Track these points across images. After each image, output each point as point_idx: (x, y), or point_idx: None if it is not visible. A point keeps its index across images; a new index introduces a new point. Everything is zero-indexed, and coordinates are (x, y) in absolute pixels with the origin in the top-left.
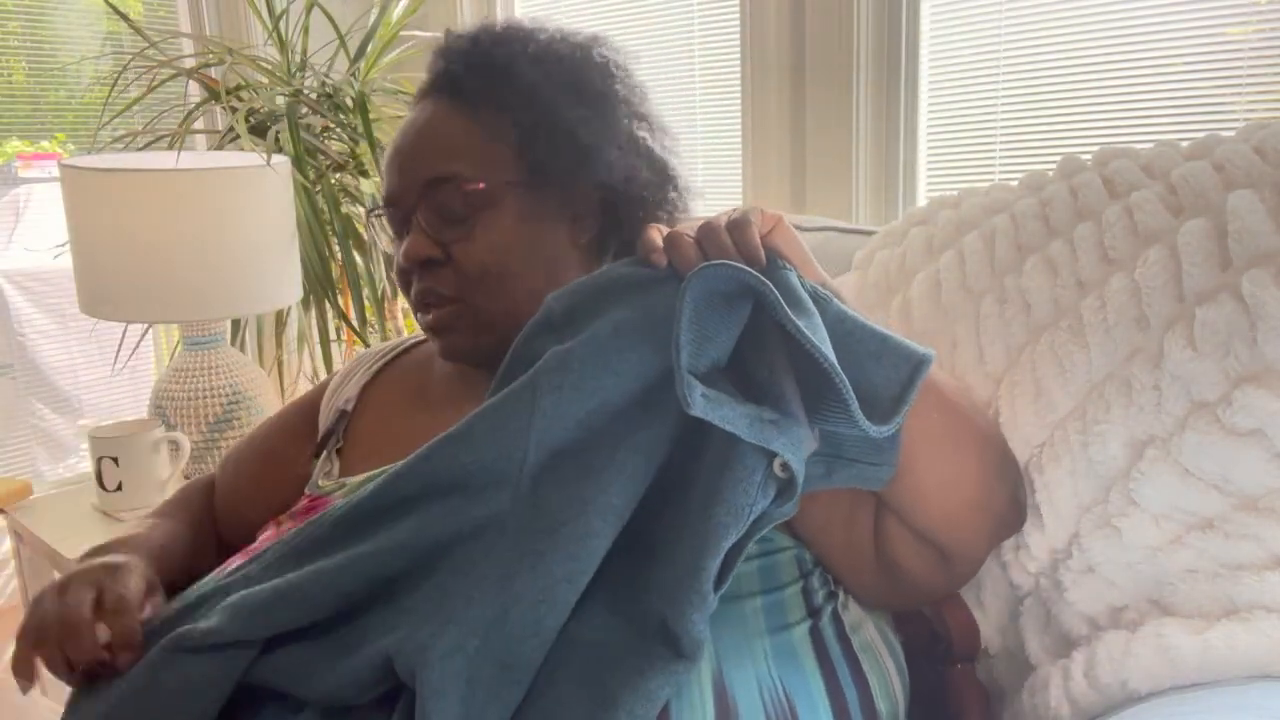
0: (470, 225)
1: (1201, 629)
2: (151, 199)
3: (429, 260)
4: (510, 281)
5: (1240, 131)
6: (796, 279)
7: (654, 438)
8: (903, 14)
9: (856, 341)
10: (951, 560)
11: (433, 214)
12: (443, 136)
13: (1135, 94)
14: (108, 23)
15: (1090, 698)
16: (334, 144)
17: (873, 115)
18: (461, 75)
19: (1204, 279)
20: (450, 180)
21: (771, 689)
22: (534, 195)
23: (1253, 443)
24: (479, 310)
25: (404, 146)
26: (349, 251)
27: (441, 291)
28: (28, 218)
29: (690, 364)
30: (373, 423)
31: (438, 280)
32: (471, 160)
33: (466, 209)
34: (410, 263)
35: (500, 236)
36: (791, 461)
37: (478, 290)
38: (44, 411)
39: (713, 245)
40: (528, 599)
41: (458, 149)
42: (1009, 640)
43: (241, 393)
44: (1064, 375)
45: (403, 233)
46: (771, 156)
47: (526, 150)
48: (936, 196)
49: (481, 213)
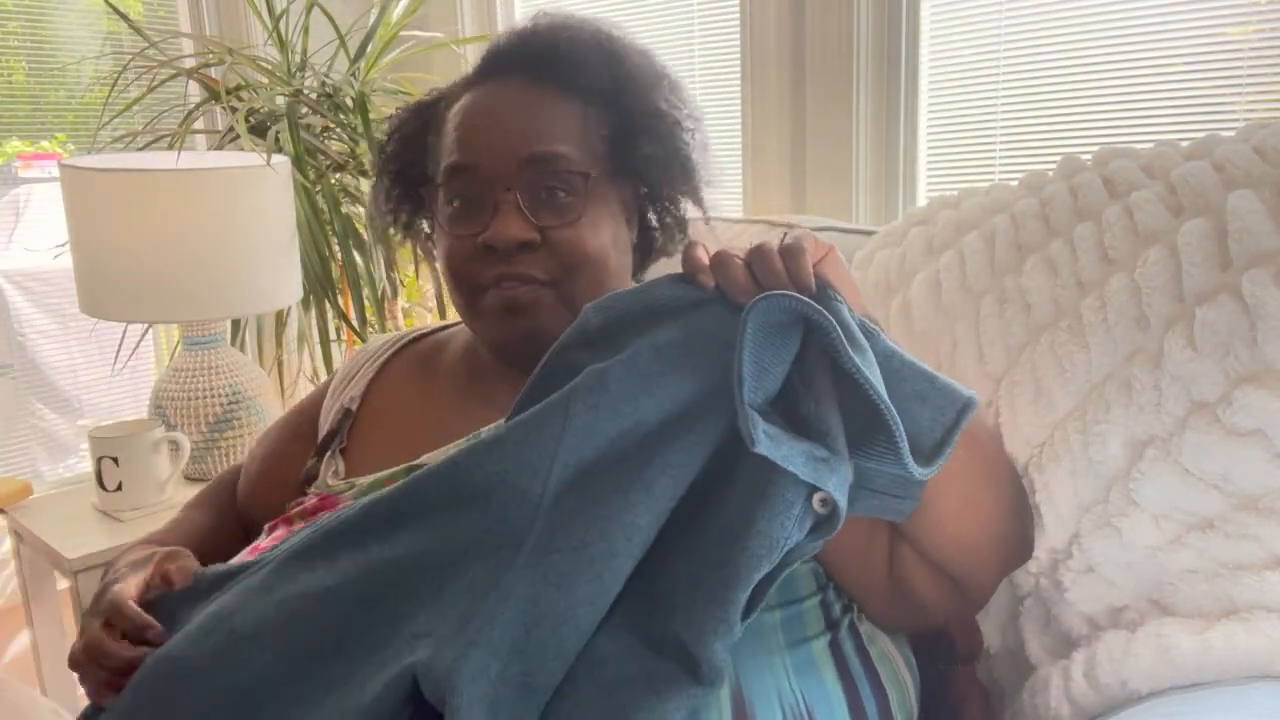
0: (574, 213)
1: (1201, 629)
2: (151, 199)
3: (524, 244)
4: (601, 270)
5: (1240, 131)
6: (847, 311)
7: (685, 459)
8: (903, 14)
9: (903, 380)
10: (964, 589)
11: (535, 193)
12: (549, 116)
13: (1135, 94)
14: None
15: (1090, 698)
16: (334, 144)
17: (873, 115)
18: (573, 58)
19: (1204, 279)
20: (557, 160)
21: (793, 703)
22: (618, 190)
23: (1253, 443)
24: (569, 296)
25: (495, 119)
26: (349, 251)
27: (533, 275)
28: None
29: (751, 398)
30: (379, 421)
31: (530, 264)
32: (577, 144)
33: (577, 194)
34: (506, 243)
35: (599, 227)
36: (838, 499)
37: (573, 276)
38: (44, 411)
39: (766, 271)
40: (550, 620)
41: (562, 130)
42: (1009, 640)
43: (241, 393)
44: (1064, 375)
45: (477, 210)
46: (771, 156)
47: (620, 144)
48: (936, 196)
49: (586, 199)
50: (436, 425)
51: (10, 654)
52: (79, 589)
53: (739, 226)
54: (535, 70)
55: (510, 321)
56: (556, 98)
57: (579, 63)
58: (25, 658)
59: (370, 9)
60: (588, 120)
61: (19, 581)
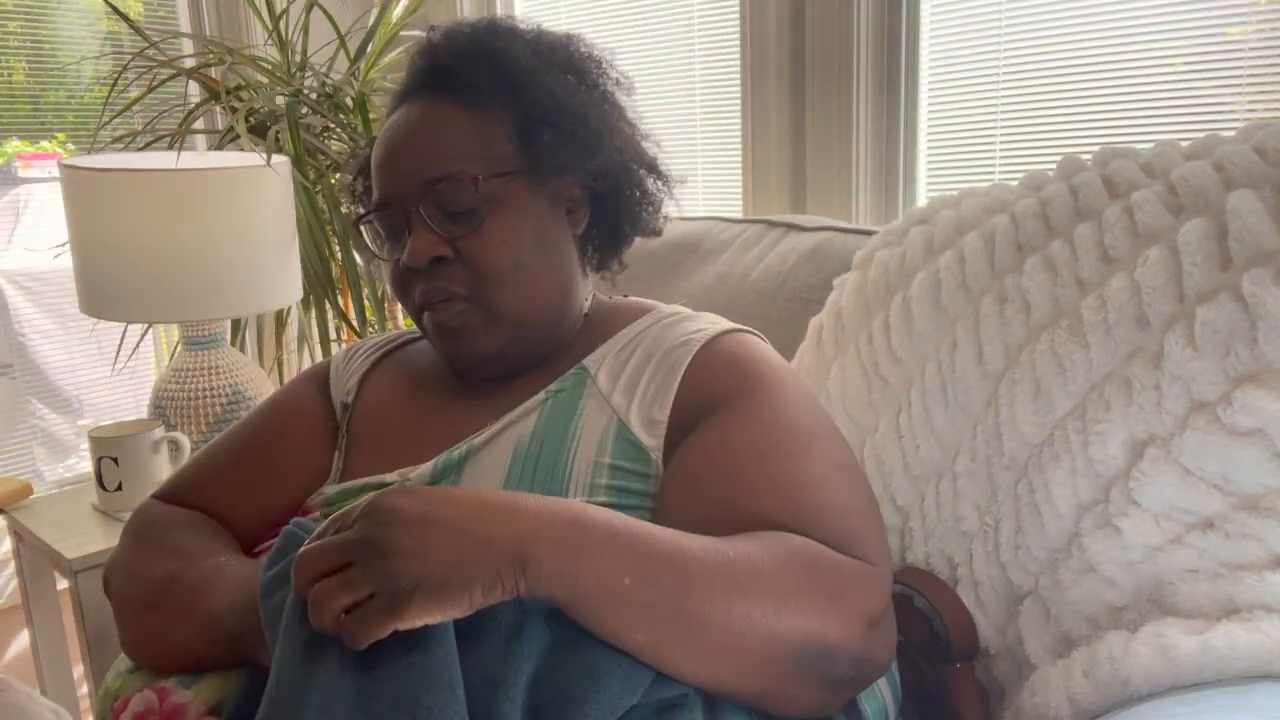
0: (478, 220)
1: (1201, 629)
2: (151, 199)
3: (438, 259)
4: (522, 274)
5: (1240, 131)
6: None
7: None
8: (903, 14)
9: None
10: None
11: (437, 211)
12: (441, 134)
13: (1135, 94)
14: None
15: (1090, 698)
16: (334, 144)
17: (873, 115)
18: (454, 69)
19: (1204, 279)
20: (454, 178)
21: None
22: (535, 187)
23: (1253, 442)
24: (493, 307)
25: (398, 147)
26: (349, 251)
27: (453, 290)
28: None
29: None
30: (371, 421)
31: (449, 279)
32: (473, 155)
33: (473, 204)
34: (418, 261)
35: (509, 229)
36: None
37: (491, 286)
38: (44, 411)
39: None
40: None
41: (458, 145)
42: (1009, 640)
43: (241, 393)
44: (1064, 375)
45: (399, 237)
46: (771, 156)
47: (526, 141)
48: (936, 196)
49: (488, 206)
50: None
51: (10, 654)
52: (79, 589)
53: (739, 226)
54: (430, 88)
55: (448, 343)
56: (449, 114)
57: (462, 72)
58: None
59: (370, 9)
60: (487, 126)
61: (19, 581)
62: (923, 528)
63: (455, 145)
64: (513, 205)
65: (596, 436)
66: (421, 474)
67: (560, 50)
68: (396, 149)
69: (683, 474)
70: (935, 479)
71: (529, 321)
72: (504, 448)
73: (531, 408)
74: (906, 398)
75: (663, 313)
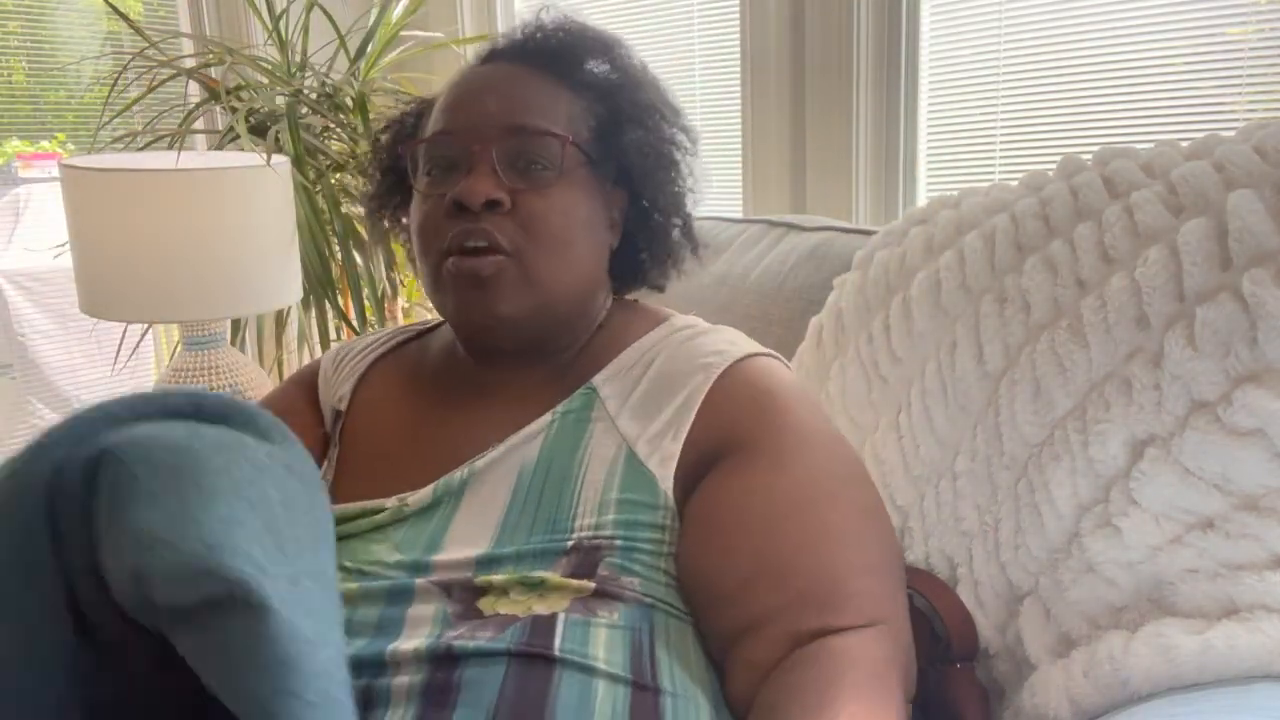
0: (549, 181)
1: (1202, 629)
2: (151, 199)
3: (494, 202)
4: (568, 251)
5: (1240, 131)
6: None
7: None
8: (903, 14)
9: None
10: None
11: (511, 158)
12: (535, 93)
13: (1135, 94)
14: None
15: (1090, 698)
16: (334, 144)
17: (873, 115)
18: (563, 45)
19: (1204, 278)
20: (544, 133)
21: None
22: (598, 182)
23: (1253, 442)
24: (531, 269)
25: (484, 90)
26: (349, 251)
27: (496, 238)
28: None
29: None
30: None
31: (496, 226)
32: (563, 122)
33: (552, 163)
34: (474, 198)
35: (572, 202)
36: None
37: (537, 248)
38: (44, 411)
39: None
40: None
41: (548, 108)
42: (1009, 640)
43: (241, 393)
44: (1064, 374)
45: (450, 172)
46: (771, 156)
47: (606, 138)
48: (936, 196)
49: (563, 173)
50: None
51: None
52: None
53: (739, 226)
54: (529, 58)
55: (468, 291)
56: (545, 82)
57: (573, 56)
58: None
59: (370, 9)
60: (575, 107)
61: None
62: (923, 528)
63: (546, 107)
64: (578, 183)
65: (605, 466)
66: (421, 498)
67: (662, 85)
68: (482, 91)
69: (704, 523)
70: (935, 479)
71: (557, 297)
72: (508, 474)
73: (537, 431)
74: (906, 398)
75: (676, 325)
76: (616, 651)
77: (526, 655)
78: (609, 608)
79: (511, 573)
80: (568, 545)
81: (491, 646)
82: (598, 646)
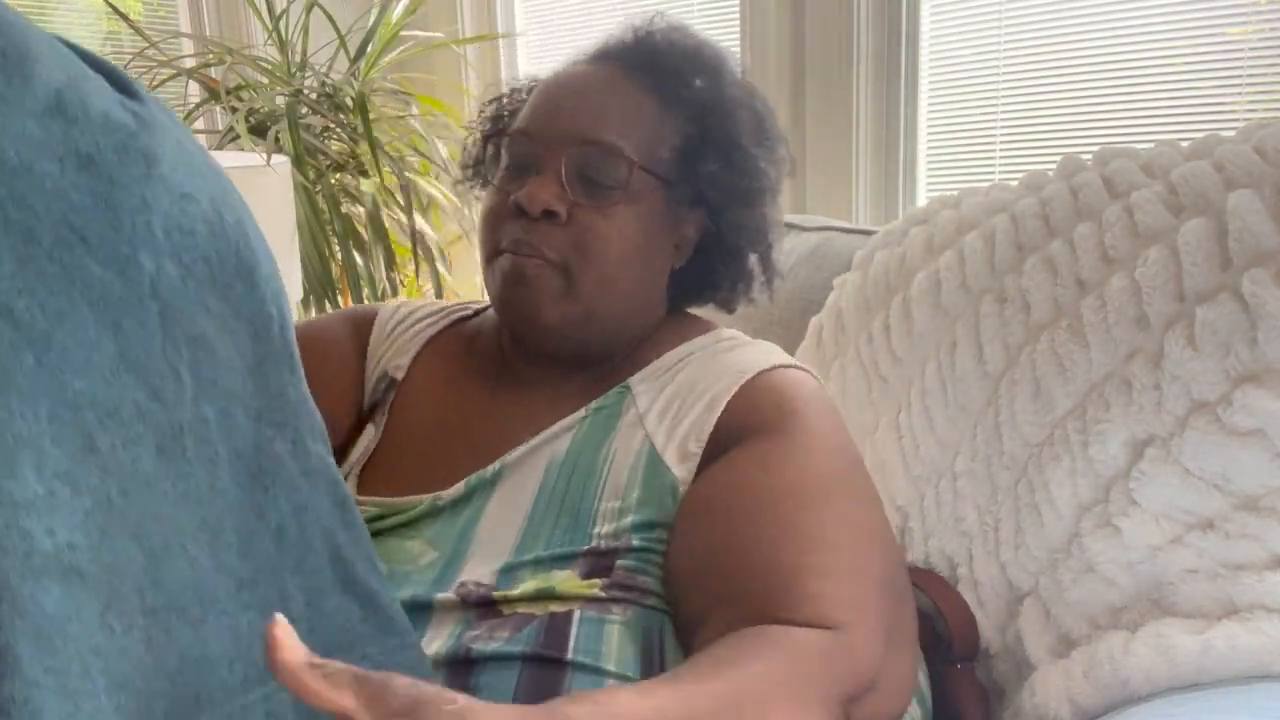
0: (610, 200)
1: (1201, 629)
2: None
3: (551, 213)
4: (617, 270)
5: (1240, 131)
6: None
7: None
8: (903, 14)
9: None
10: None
11: (577, 169)
12: (618, 103)
13: (1135, 94)
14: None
15: (1090, 698)
16: (334, 144)
17: (873, 115)
18: (664, 57)
19: (1204, 279)
20: (613, 150)
21: None
22: (668, 204)
23: (1253, 442)
24: (575, 282)
25: (570, 92)
26: (349, 251)
27: (544, 250)
28: None
29: None
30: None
31: (546, 236)
32: (638, 141)
33: (615, 183)
34: (532, 205)
35: (629, 224)
36: None
37: (586, 264)
38: None
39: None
40: None
41: (629, 122)
42: (1009, 640)
43: None
44: (1064, 374)
45: (522, 171)
46: None
47: (687, 160)
48: (936, 196)
49: (625, 193)
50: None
51: None
52: None
53: None
54: (631, 65)
55: (512, 289)
56: (638, 92)
57: (675, 70)
58: None
59: (370, 9)
60: (662, 123)
61: None
62: (923, 528)
63: (626, 121)
64: (643, 206)
65: (628, 463)
66: (454, 493)
67: (763, 111)
68: (569, 96)
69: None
70: (935, 479)
71: (598, 314)
72: (536, 468)
73: (569, 426)
74: (906, 398)
75: (720, 335)
76: (628, 651)
77: (540, 659)
78: (623, 607)
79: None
80: (585, 548)
81: (507, 650)
82: (610, 646)
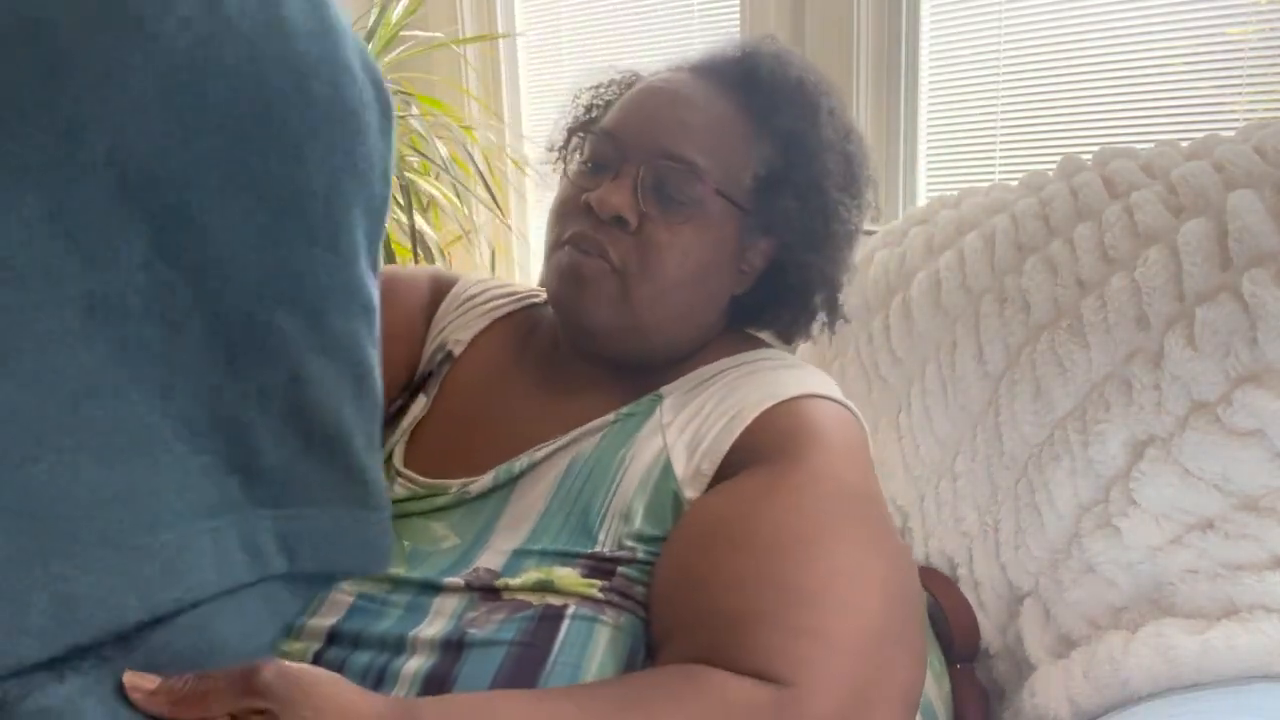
0: (680, 217)
1: (1201, 629)
2: None
3: (620, 219)
4: (676, 287)
5: (1240, 131)
6: None
7: None
8: (903, 14)
9: None
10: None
11: (656, 181)
12: (710, 121)
13: (1135, 94)
14: None
15: (1090, 698)
16: None
17: (873, 115)
18: (766, 83)
19: (1204, 279)
20: (693, 168)
21: None
22: (740, 231)
23: (1253, 443)
24: (630, 291)
25: (666, 101)
26: None
27: (608, 252)
28: None
29: None
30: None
31: (613, 240)
32: (721, 161)
33: (687, 201)
34: (604, 208)
35: (695, 244)
36: None
37: (645, 275)
38: None
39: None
40: None
41: (715, 142)
42: (1009, 640)
43: None
44: (1064, 375)
45: (601, 169)
46: None
47: (767, 190)
48: (936, 196)
49: (697, 213)
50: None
51: None
52: None
53: None
54: (729, 80)
55: (566, 286)
56: (734, 113)
57: (772, 95)
58: None
59: (370, 9)
60: (749, 149)
61: None
62: (923, 528)
63: (712, 141)
64: (713, 228)
65: (641, 472)
66: (482, 485)
67: (857, 156)
68: (661, 103)
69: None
70: (935, 479)
71: (649, 326)
72: (559, 466)
73: (598, 428)
74: (906, 398)
75: (763, 354)
76: (610, 656)
77: (525, 649)
78: (616, 612)
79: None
80: (589, 550)
81: (498, 637)
82: (596, 647)
